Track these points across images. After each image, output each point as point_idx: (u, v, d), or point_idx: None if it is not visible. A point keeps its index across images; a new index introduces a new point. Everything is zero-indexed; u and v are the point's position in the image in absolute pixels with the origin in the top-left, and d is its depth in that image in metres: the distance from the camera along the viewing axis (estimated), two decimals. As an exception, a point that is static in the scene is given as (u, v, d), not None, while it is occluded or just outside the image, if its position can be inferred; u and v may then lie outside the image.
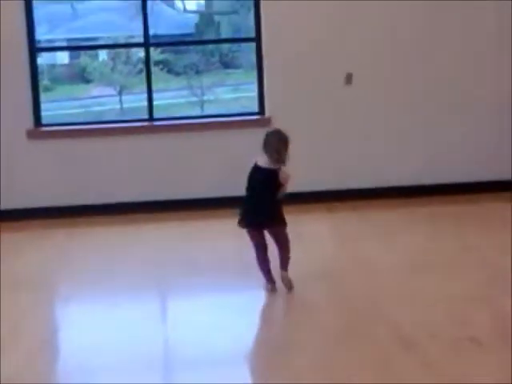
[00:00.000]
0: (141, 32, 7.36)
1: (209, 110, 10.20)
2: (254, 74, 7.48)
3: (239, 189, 7.28)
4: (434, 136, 7.46)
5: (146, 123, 7.53)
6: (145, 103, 7.51)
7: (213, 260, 5.92)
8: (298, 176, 7.14)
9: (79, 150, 7.32)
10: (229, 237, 6.46)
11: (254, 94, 7.55)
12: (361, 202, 7.23)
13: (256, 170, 5.07)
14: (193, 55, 10.32)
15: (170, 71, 10.42)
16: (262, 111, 7.51)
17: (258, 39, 7.42)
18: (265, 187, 5.02)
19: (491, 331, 4.36)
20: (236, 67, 10.95)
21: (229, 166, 7.36)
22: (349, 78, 7.32)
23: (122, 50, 9.72)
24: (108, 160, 7.35)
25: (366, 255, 5.82)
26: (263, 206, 5.03)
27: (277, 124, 7.29)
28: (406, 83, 7.39)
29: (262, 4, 7.30)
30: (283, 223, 5.07)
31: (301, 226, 6.16)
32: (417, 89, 7.41)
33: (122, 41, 9.17)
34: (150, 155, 7.41)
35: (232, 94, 11.15)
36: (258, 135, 7.28)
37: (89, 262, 6.05)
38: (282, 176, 4.99)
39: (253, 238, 5.11)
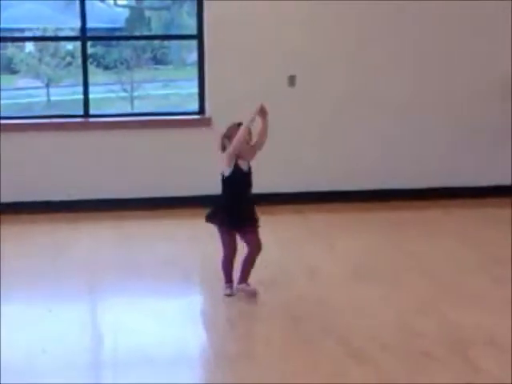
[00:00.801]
0: (69, 24, 7.12)
1: (139, 106, 10.01)
2: (185, 70, 7.31)
3: (176, 189, 7.24)
4: (379, 138, 7.43)
5: (81, 119, 7.29)
6: (73, 96, 7.22)
7: (151, 263, 5.77)
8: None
9: (8, 145, 7.05)
10: (167, 239, 6.34)
11: (185, 91, 7.39)
12: (304, 205, 7.15)
13: (242, 175, 5.02)
14: (123, 50, 10.10)
15: (98, 65, 10.17)
16: (202, 111, 7.36)
17: (199, 37, 7.27)
18: (245, 188, 5.01)
19: (442, 343, 4.31)
20: (166, 63, 10.79)
21: (168, 166, 7.21)
22: (292, 80, 7.23)
23: (50, 42, 9.44)
24: (39, 156, 7.10)
25: (311, 262, 5.73)
26: (242, 205, 4.98)
27: (217, 125, 7.18)
28: (348, 86, 7.34)
29: (206, 2, 7.15)
30: (257, 223, 5.01)
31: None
32: (359, 90, 7.36)
33: (50, 32, 8.93)
34: (85, 152, 7.19)
35: (162, 90, 10.98)
36: (198, 135, 7.27)
37: (21, 263, 5.79)
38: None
39: (227, 237, 5.03)
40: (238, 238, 5.07)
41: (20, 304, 5.03)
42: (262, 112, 5.04)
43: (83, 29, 7.22)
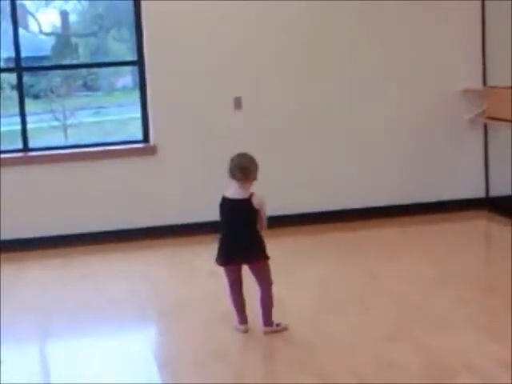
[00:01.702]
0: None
1: (73, 135, 9.75)
2: (114, 96, 7.11)
3: (124, 222, 6.99)
4: (331, 157, 7.34)
5: (20, 154, 6.99)
6: (4, 128, 6.98)
7: (102, 301, 5.51)
8: (189, 205, 6.93)
9: None
10: (118, 274, 6.10)
11: (116, 117, 7.19)
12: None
13: (224, 202, 4.67)
14: (52, 78, 9.86)
15: (27, 94, 9.90)
16: (146, 139, 7.14)
17: (140, 62, 7.06)
18: (239, 219, 4.63)
19: (423, 374, 4.12)
20: (95, 90, 10.58)
21: (114, 198, 6.97)
22: (238, 103, 7.07)
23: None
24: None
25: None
26: (240, 238, 4.63)
27: (162, 153, 7.00)
28: (296, 106, 7.21)
29: (145, 26, 6.95)
30: (264, 256, 4.67)
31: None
32: (306, 111, 7.23)
33: None
34: (25, 188, 6.89)
35: (94, 117, 10.75)
36: (143, 164, 7.05)
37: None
38: (255, 202, 4.60)
39: (229, 275, 4.71)
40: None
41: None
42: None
43: (18, 59, 6.96)
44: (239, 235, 4.64)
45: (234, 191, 4.64)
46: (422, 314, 4.98)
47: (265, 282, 4.69)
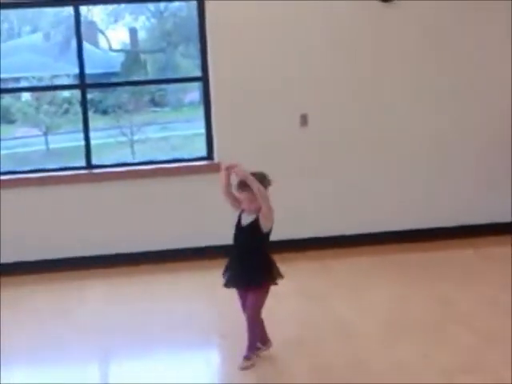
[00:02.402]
0: (65, 71, 6.84)
1: (140, 150, 9.79)
2: (182, 112, 7.03)
3: (187, 240, 6.87)
4: (395, 178, 7.10)
5: (85, 171, 6.94)
6: (72, 143, 6.85)
7: (166, 324, 5.36)
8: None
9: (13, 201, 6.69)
10: (182, 295, 5.97)
11: (183, 132, 7.10)
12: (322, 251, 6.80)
13: (238, 230, 4.56)
14: (120, 94, 9.94)
15: (96, 111, 10.02)
16: (210, 156, 7.02)
17: (205, 78, 6.94)
18: (249, 242, 4.51)
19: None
20: (163, 106, 10.66)
21: (179, 216, 6.85)
22: (304, 120, 6.90)
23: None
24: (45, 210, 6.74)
25: (340, 317, 5.33)
26: (250, 262, 4.48)
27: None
28: (361, 124, 7.00)
29: (209, 42, 6.84)
30: (266, 280, 4.50)
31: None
32: (373, 131, 7.03)
33: (46, 81, 8.80)
34: (90, 205, 6.82)
35: (161, 133, 10.81)
36: (207, 181, 6.92)
37: (22, 328, 5.38)
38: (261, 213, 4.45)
39: (241, 298, 4.59)
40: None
41: (21, 376, 4.61)
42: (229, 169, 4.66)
43: (82, 76, 6.91)
44: (249, 260, 4.50)
45: (246, 217, 4.51)
46: (499, 344, 4.68)
47: (249, 309, 4.52)
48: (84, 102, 6.97)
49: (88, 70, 7.01)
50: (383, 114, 7.02)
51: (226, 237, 6.80)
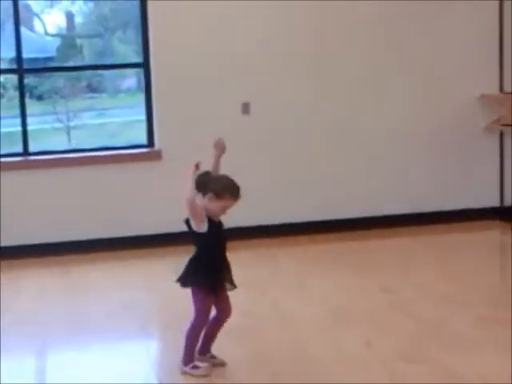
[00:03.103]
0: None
1: (76, 137, 9.61)
2: (118, 98, 6.91)
3: (126, 229, 6.77)
4: (341, 166, 7.11)
5: (20, 158, 6.77)
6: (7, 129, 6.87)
7: (102, 314, 5.27)
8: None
9: None
10: (120, 284, 5.90)
11: (121, 119, 6.98)
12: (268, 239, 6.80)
13: (213, 225, 4.25)
14: (56, 79, 9.73)
15: (31, 96, 9.77)
16: (151, 143, 6.92)
17: (146, 65, 6.84)
18: (224, 241, 4.31)
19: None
20: (100, 92, 10.46)
21: (118, 204, 6.75)
22: (246, 108, 6.84)
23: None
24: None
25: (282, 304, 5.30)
26: (226, 263, 4.29)
27: (167, 158, 6.79)
28: (306, 111, 6.98)
29: (151, 28, 6.73)
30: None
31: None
32: (317, 116, 7.01)
33: None
34: (25, 193, 6.65)
35: (97, 119, 10.62)
36: (147, 169, 6.83)
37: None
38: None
39: (209, 303, 4.26)
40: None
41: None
42: (218, 148, 4.46)
43: (19, 60, 6.75)
44: (224, 259, 4.29)
45: (216, 211, 4.23)
46: (439, 333, 4.71)
47: (224, 311, 4.30)
48: (21, 88, 6.79)
49: (24, 55, 6.84)
50: (329, 101, 7.00)
51: (166, 225, 6.77)
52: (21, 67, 6.78)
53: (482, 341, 4.54)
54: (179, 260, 6.34)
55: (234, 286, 4.30)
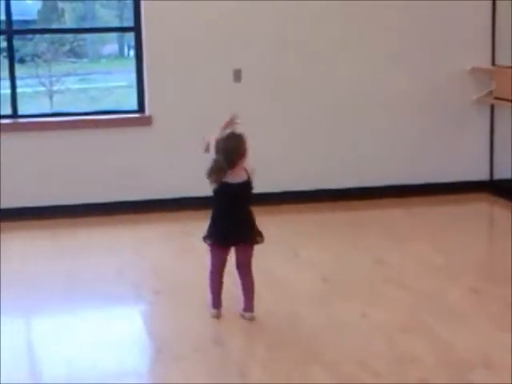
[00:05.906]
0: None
1: (58, 101, 9.54)
2: (100, 63, 6.84)
3: (115, 195, 6.71)
4: (334, 135, 7.08)
5: (9, 120, 6.68)
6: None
7: (92, 278, 5.26)
8: (184, 180, 6.65)
9: None
10: (108, 249, 5.88)
11: (103, 84, 6.90)
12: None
13: (225, 187, 4.40)
14: (38, 43, 9.63)
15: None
16: (141, 109, 6.85)
17: (137, 29, 6.75)
18: (244, 202, 4.48)
19: (439, 369, 3.90)
20: (81, 57, 10.39)
21: (107, 169, 6.70)
22: (237, 75, 6.79)
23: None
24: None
25: (276, 273, 5.28)
26: (243, 220, 4.46)
27: (158, 123, 6.73)
28: (298, 81, 6.94)
29: (143, -8, 6.65)
30: (260, 235, 4.52)
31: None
32: (308, 86, 6.97)
33: None
34: (13, 155, 6.57)
35: (79, 84, 10.55)
36: (137, 135, 6.77)
37: None
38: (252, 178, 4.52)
39: (221, 255, 4.48)
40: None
41: None
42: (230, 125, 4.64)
43: (9, 21, 6.65)
44: (242, 217, 4.47)
45: (233, 175, 4.40)
46: (434, 304, 4.73)
47: (249, 266, 4.53)
48: (10, 49, 6.68)
49: (3, 17, 6.73)
50: (320, 72, 6.97)
51: (156, 192, 6.73)
52: (10, 28, 6.64)
53: (473, 312, 4.59)
54: (169, 226, 6.42)
55: (262, 239, 4.51)
